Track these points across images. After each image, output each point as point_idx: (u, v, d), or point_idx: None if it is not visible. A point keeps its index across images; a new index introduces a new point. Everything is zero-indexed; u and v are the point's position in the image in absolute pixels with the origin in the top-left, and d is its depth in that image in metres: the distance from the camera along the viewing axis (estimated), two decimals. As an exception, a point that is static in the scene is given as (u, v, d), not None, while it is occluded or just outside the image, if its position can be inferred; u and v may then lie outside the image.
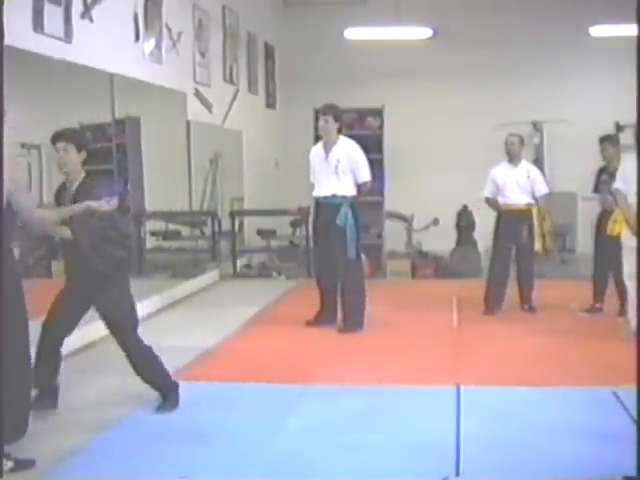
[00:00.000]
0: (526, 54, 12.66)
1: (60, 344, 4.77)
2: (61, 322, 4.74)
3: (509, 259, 7.83)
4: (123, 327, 4.74)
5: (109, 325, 4.77)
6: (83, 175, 4.62)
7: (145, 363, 4.78)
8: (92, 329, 6.49)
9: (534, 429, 4.43)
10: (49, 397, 4.73)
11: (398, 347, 6.43)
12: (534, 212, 7.70)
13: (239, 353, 6.32)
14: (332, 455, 4.07)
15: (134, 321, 4.81)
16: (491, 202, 7.86)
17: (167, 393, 4.82)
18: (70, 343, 4.68)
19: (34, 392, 4.56)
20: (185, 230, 10.01)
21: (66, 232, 4.46)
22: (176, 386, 4.87)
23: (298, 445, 4.22)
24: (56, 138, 4.58)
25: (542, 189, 7.82)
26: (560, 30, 12.46)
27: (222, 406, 4.87)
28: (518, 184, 7.69)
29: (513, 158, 7.74)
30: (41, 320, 4.69)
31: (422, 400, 5.01)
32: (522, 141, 7.85)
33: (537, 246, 7.69)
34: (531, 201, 7.72)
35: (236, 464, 3.95)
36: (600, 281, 7.59)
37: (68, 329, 4.83)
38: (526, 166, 7.86)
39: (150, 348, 4.80)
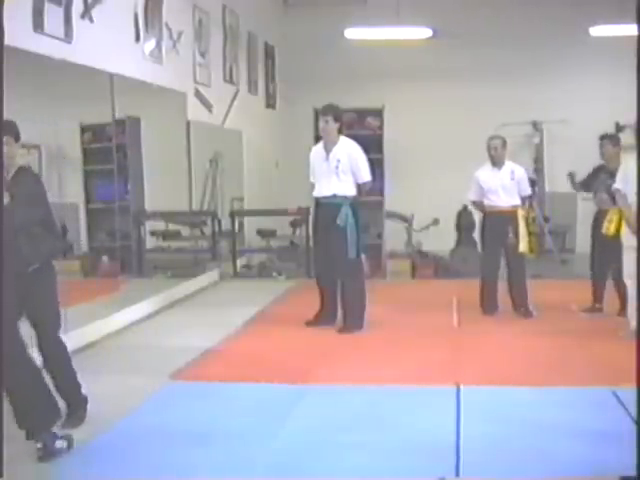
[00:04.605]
0: (526, 54, 12.67)
1: None
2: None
3: (498, 261, 7.78)
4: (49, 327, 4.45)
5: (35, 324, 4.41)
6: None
7: (64, 368, 4.54)
8: (92, 329, 6.52)
9: (534, 429, 4.43)
10: None
11: (398, 347, 6.43)
12: (519, 213, 7.66)
13: (239, 353, 6.32)
14: (332, 455, 4.07)
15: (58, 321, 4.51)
16: (477, 205, 7.88)
17: (77, 406, 4.57)
18: (70, 343, 4.67)
19: None
20: (185, 230, 10.02)
21: None
22: (86, 401, 4.62)
23: (298, 445, 4.22)
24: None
25: (526, 190, 7.80)
26: (560, 30, 12.47)
27: (222, 406, 4.88)
28: (503, 187, 7.60)
29: (496, 162, 7.66)
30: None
31: (422, 400, 5.01)
32: (504, 144, 7.68)
33: (522, 247, 7.63)
34: (517, 202, 7.66)
35: (236, 464, 3.96)
36: (598, 281, 7.59)
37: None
38: (511, 167, 7.71)
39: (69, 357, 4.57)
